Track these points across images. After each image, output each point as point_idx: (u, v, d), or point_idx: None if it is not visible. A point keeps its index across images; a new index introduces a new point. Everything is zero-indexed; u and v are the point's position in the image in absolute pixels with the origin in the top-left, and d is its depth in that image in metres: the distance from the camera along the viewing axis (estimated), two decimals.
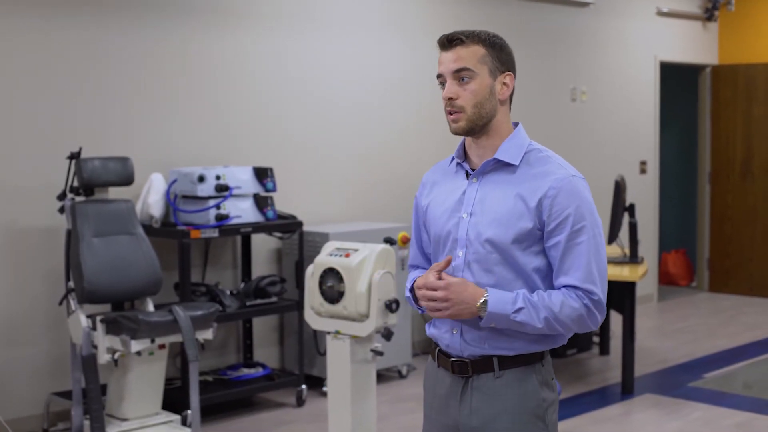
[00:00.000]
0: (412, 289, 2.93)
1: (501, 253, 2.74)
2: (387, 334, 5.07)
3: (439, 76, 2.81)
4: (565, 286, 2.73)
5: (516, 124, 2.87)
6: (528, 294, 2.71)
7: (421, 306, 2.85)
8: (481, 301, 2.69)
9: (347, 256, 5.07)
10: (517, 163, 2.78)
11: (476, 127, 2.77)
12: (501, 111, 2.81)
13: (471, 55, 2.75)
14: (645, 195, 10.41)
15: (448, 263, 2.77)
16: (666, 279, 11.60)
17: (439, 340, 2.90)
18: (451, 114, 2.77)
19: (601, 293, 2.74)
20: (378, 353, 5.12)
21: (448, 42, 2.78)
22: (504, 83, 2.80)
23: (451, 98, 2.76)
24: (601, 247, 2.76)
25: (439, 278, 2.74)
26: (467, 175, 2.85)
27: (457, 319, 2.77)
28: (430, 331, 2.94)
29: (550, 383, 2.85)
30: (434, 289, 2.71)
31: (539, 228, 2.73)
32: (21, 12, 6.01)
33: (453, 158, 2.93)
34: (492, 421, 2.79)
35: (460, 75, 2.75)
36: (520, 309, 2.69)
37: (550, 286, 2.78)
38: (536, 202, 2.72)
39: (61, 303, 5.91)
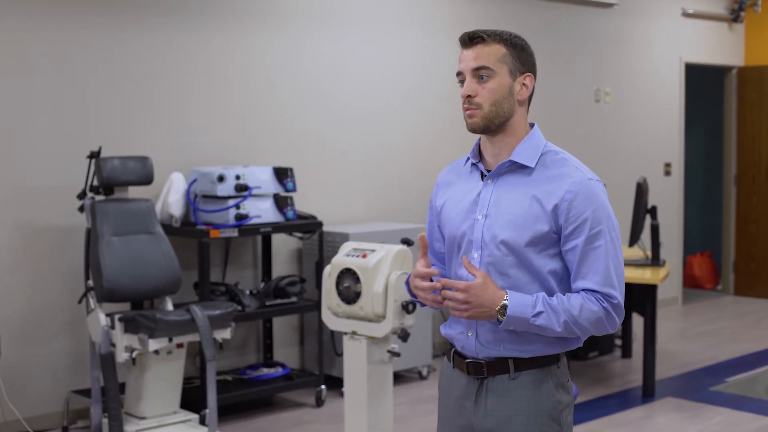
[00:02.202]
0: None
1: (516, 255, 2.72)
2: (404, 335, 5.06)
3: (458, 73, 2.80)
4: (583, 290, 2.71)
5: (532, 125, 2.85)
6: (547, 297, 2.69)
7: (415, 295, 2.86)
8: (501, 305, 2.67)
9: (364, 256, 5.06)
10: (533, 165, 2.76)
11: (492, 125, 2.76)
12: (519, 111, 2.80)
13: (491, 53, 2.74)
14: (669, 197, 10.35)
15: (425, 244, 2.78)
16: (691, 282, 11.52)
17: (455, 341, 2.89)
18: (468, 111, 2.76)
19: (620, 296, 2.72)
20: (395, 354, 5.11)
21: (470, 40, 2.77)
22: (523, 84, 2.78)
23: (469, 96, 2.75)
24: (619, 250, 2.74)
25: (428, 264, 2.77)
26: (482, 176, 2.84)
27: (475, 320, 2.76)
28: (446, 331, 2.93)
29: (566, 385, 2.84)
30: (455, 290, 2.69)
31: (555, 231, 2.71)
32: (40, 11, 6.04)
33: (468, 158, 2.91)
34: (507, 423, 2.77)
35: (480, 73, 2.74)
36: (539, 313, 2.66)
37: (566, 289, 2.76)
38: (553, 206, 2.70)
39: (80, 301, 5.94)
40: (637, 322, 8.25)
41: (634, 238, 7.05)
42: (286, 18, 7.15)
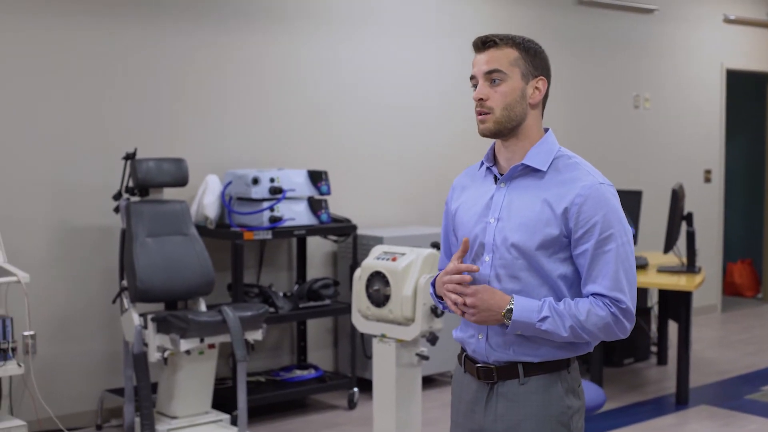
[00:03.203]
0: (435, 286, 2.93)
1: (526, 258, 2.73)
2: (432, 339, 5.08)
3: (471, 78, 2.81)
4: (592, 294, 2.71)
5: (546, 130, 2.86)
6: (554, 302, 2.70)
7: (443, 301, 2.86)
8: (507, 309, 2.69)
9: (394, 259, 5.09)
10: (545, 169, 2.76)
11: (504, 129, 2.77)
12: (531, 115, 2.80)
13: (503, 57, 2.75)
14: (709, 204, 10.28)
15: (466, 248, 2.78)
16: (731, 290, 11.43)
17: (466, 345, 2.90)
18: (480, 115, 2.78)
19: (629, 301, 2.71)
20: (423, 357, 5.13)
21: (482, 44, 2.79)
22: (536, 87, 2.79)
23: (481, 99, 2.77)
24: (630, 255, 2.73)
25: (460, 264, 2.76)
26: (495, 179, 2.85)
27: (483, 324, 2.77)
28: (457, 334, 2.94)
29: (577, 390, 2.83)
30: (462, 294, 2.72)
31: (566, 235, 2.71)
32: (80, 12, 6.12)
33: (483, 162, 2.93)
34: (516, 428, 2.78)
35: (492, 77, 2.75)
36: (545, 318, 2.67)
37: (577, 293, 2.76)
38: (563, 209, 2.70)
39: (114, 301, 6.00)
40: (673, 328, 8.21)
41: (669, 245, 7.01)
42: (321, 21, 7.20)
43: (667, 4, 9.68)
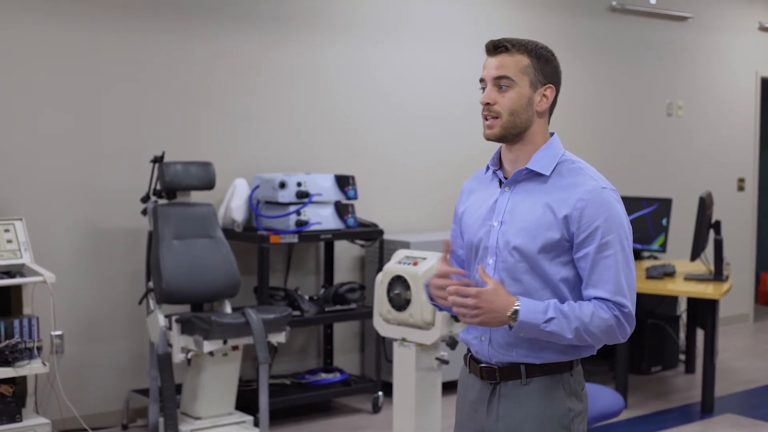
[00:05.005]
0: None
1: (528, 261, 2.75)
2: (452, 343, 5.10)
3: (481, 80, 2.84)
4: (595, 298, 2.73)
5: (551, 134, 2.88)
6: (559, 304, 2.71)
7: (437, 303, 2.89)
8: (512, 310, 2.69)
9: (415, 264, 5.12)
10: (548, 173, 2.79)
11: (509, 135, 2.80)
12: (537, 122, 2.82)
13: (513, 63, 2.78)
14: (742, 212, 10.22)
15: (448, 248, 2.82)
16: (765, 299, 11.33)
17: (471, 346, 2.93)
18: (487, 119, 2.80)
19: (631, 305, 2.73)
20: (443, 362, 5.16)
21: (494, 48, 2.82)
22: (544, 95, 2.81)
23: (488, 103, 2.80)
24: (631, 260, 2.75)
25: (447, 265, 2.79)
26: (500, 183, 2.88)
27: (486, 327, 2.79)
28: (463, 336, 2.97)
29: (579, 393, 2.85)
30: (465, 296, 2.70)
31: (567, 239, 2.74)
32: (106, 17, 6.20)
33: (489, 166, 2.96)
34: (517, 429, 2.80)
35: (500, 82, 2.78)
36: (551, 319, 2.68)
37: (578, 296, 2.78)
38: (565, 214, 2.72)
39: (140, 302, 6.08)
40: (702, 337, 8.16)
41: (695, 253, 6.99)
42: (350, 26, 7.24)
43: (702, 11, 9.64)
